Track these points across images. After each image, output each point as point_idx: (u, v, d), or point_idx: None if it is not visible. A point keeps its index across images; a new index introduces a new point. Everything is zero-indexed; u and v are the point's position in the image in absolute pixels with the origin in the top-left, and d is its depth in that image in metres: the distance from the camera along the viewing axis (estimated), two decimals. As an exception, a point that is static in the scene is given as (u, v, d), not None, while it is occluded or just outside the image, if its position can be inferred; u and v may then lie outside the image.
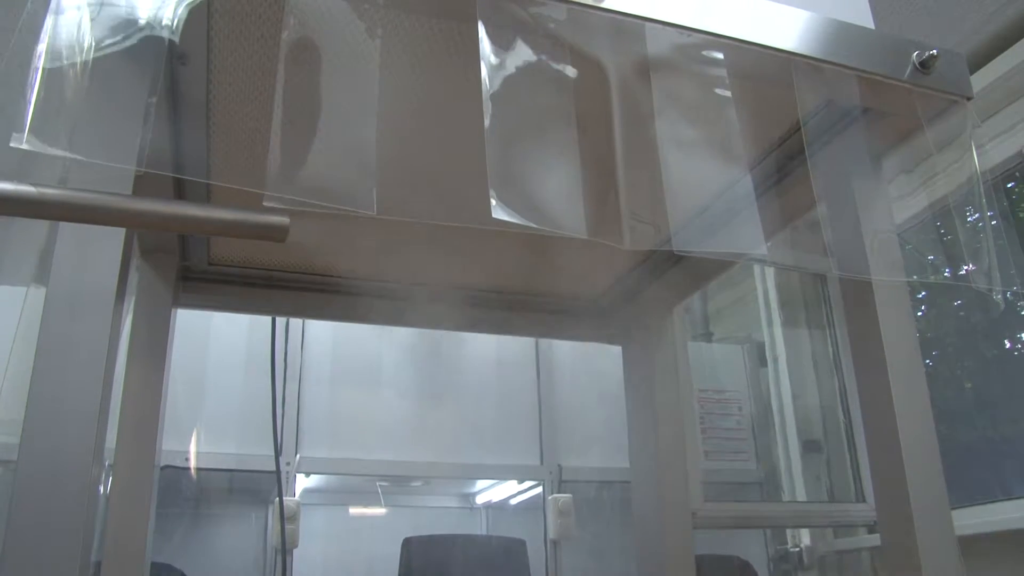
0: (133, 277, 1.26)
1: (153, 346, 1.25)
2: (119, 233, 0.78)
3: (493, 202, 0.66)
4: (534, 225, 0.68)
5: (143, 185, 0.76)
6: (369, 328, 2.79)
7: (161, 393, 1.23)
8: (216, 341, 2.58)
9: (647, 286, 1.49)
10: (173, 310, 1.31)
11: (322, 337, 2.75)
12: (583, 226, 0.70)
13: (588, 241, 0.73)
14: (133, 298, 1.26)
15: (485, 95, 0.72)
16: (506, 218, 0.67)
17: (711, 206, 0.88)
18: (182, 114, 0.92)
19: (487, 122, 0.70)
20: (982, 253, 0.93)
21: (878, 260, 0.95)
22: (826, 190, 0.99)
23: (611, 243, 0.73)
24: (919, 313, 2.69)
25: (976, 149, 0.96)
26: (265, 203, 0.63)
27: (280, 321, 2.55)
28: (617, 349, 1.63)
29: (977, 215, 0.94)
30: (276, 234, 0.67)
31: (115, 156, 0.68)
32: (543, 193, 0.71)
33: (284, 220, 0.67)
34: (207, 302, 1.45)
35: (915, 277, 1.01)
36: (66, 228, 0.75)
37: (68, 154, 0.63)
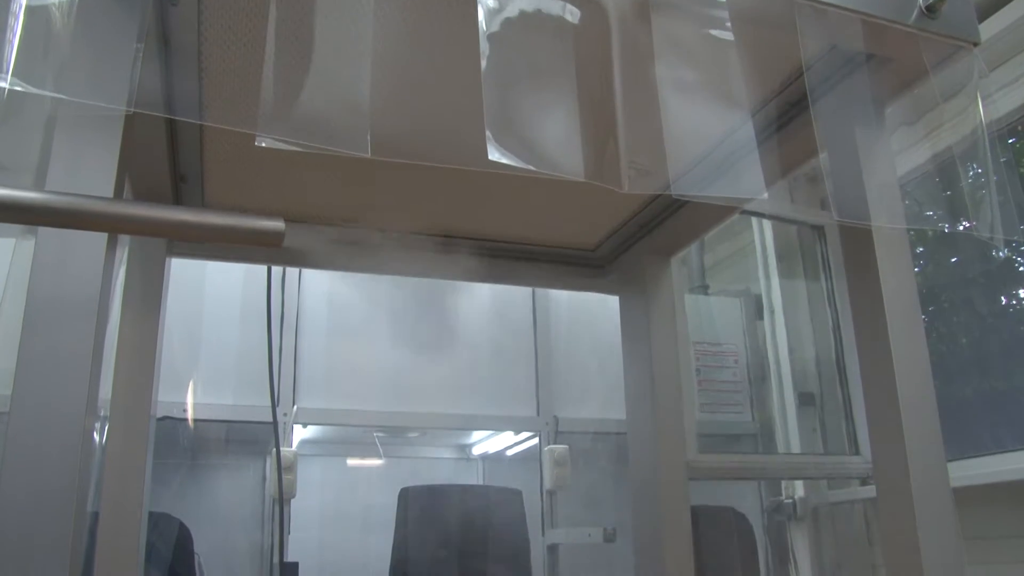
0: (126, 226, 1.24)
1: (147, 295, 1.24)
2: (109, 179, 0.77)
3: (490, 143, 0.65)
4: (531, 167, 0.67)
5: (134, 133, 0.75)
6: (366, 278, 2.78)
7: (156, 343, 1.23)
8: (211, 291, 2.58)
9: (645, 235, 1.48)
10: (167, 259, 1.30)
11: (318, 287, 2.75)
12: (581, 168, 0.69)
13: (585, 188, 0.72)
14: (127, 247, 1.25)
15: (482, 35, 0.70)
16: (502, 160, 0.65)
17: (712, 152, 0.87)
18: (173, 55, 0.90)
19: (484, 62, 0.68)
20: (985, 204, 0.92)
21: (879, 207, 0.94)
22: (828, 137, 0.97)
23: (609, 186, 0.72)
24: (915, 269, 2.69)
25: (983, 99, 0.94)
26: (257, 144, 0.61)
27: (276, 270, 2.54)
28: (614, 299, 1.62)
29: (980, 169, 0.93)
30: (271, 239, 0.66)
31: (104, 96, 0.66)
32: (540, 135, 0.70)
33: (279, 225, 0.66)
34: (202, 251, 1.44)
35: (916, 226, 1.00)
36: (53, 177, 0.74)
37: (55, 94, 0.61)
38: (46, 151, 0.74)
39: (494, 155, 0.65)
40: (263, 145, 0.61)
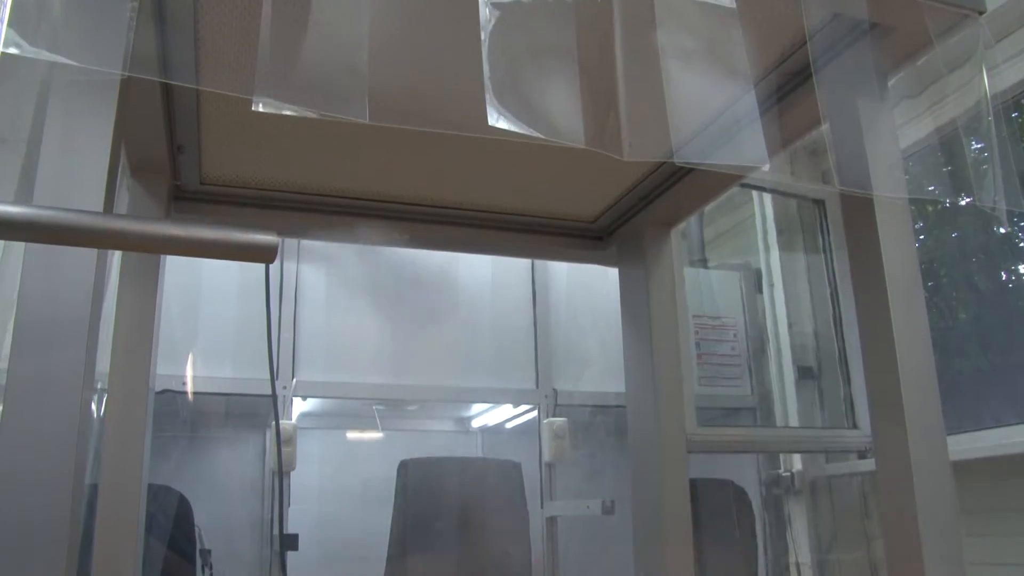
0: (123, 197, 1.24)
1: (145, 267, 1.24)
2: (104, 148, 0.76)
3: (489, 109, 0.64)
4: (531, 133, 0.66)
5: (129, 101, 0.74)
6: (365, 249, 2.77)
7: (154, 316, 1.22)
8: (210, 263, 2.56)
9: (645, 206, 1.47)
10: (165, 230, 1.29)
11: (318, 259, 2.74)
12: (581, 135, 0.68)
13: (585, 159, 0.71)
14: (124, 220, 1.24)
15: (483, 1, 0.69)
16: (503, 126, 0.64)
17: (714, 121, 0.86)
18: (168, 18, 0.89)
19: (485, 28, 0.68)
20: (988, 175, 0.91)
21: (881, 177, 0.93)
22: (831, 107, 0.96)
23: (610, 153, 0.71)
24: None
25: (987, 70, 0.93)
26: (254, 108, 0.60)
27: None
28: (614, 271, 1.62)
29: (984, 144, 0.92)
30: (264, 255, 0.65)
31: (99, 60, 0.65)
32: (541, 101, 0.69)
33: (272, 239, 0.65)
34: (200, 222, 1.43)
35: (918, 196, 1.00)
36: (48, 147, 0.73)
37: (49, 57, 0.60)
38: (39, 120, 0.73)
39: (494, 121, 0.64)
40: (260, 109, 0.61)
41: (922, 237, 2.70)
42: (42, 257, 0.70)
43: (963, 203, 2.32)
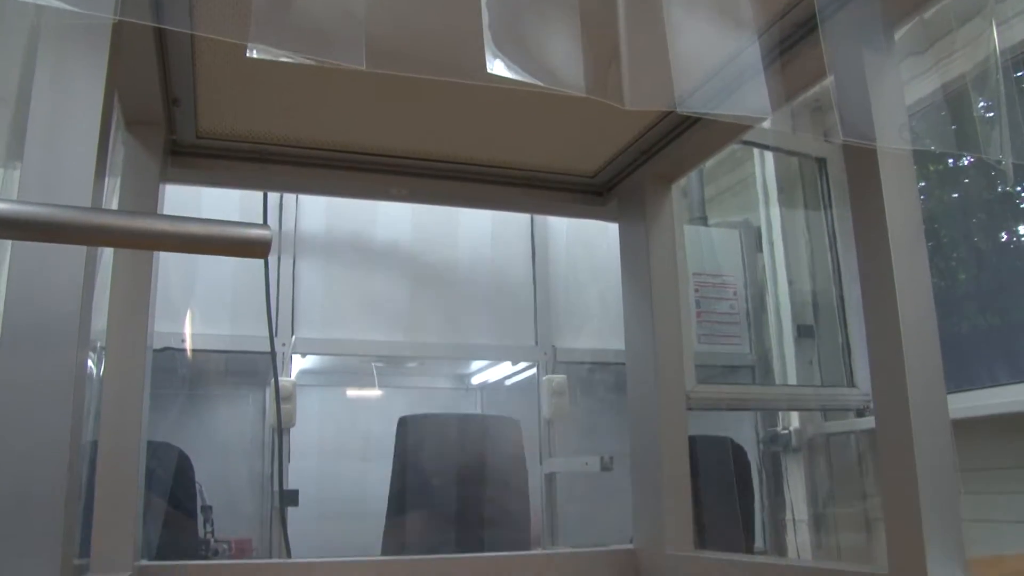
0: (119, 151, 1.22)
1: (142, 223, 1.22)
2: (96, 101, 0.75)
3: (489, 56, 0.63)
4: (531, 80, 0.65)
5: (122, 51, 0.72)
6: (364, 204, 2.76)
7: (151, 273, 1.22)
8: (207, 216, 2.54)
9: (645, 161, 1.46)
10: (161, 185, 1.28)
11: (317, 214, 2.72)
12: (582, 83, 0.67)
13: (585, 112, 0.70)
14: (118, 179, 1.23)
15: (482, -56, 0.67)
16: (502, 73, 0.63)
17: (717, 72, 0.85)
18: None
19: (484, -27, 0.66)
20: (995, 129, 0.90)
21: (885, 130, 0.92)
22: (837, 59, 0.95)
23: (611, 102, 0.70)
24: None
25: (997, 25, 0.92)
26: (249, 54, 0.59)
27: (273, 197, 2.52)
28: (614, 227, 1.60)
29: (991, 101, 0.91)
30: (257, 250, 0.64)
31: (91, 2, 0.63)
32: (541, 48, 0.68)
33: (266, 233, 0.64)
34: (196, 177, 1.42)
35: (922, 147, 0.99)
36: (38, 101, 0.72)
37: (40, 0, 0.59)
38: (28, 74, 0.72)
39: (493, 68, 0.63)
40: (255, 55, 0.59)
41: (923, 198, 2.68)
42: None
43: (967, 161, 2.30)
